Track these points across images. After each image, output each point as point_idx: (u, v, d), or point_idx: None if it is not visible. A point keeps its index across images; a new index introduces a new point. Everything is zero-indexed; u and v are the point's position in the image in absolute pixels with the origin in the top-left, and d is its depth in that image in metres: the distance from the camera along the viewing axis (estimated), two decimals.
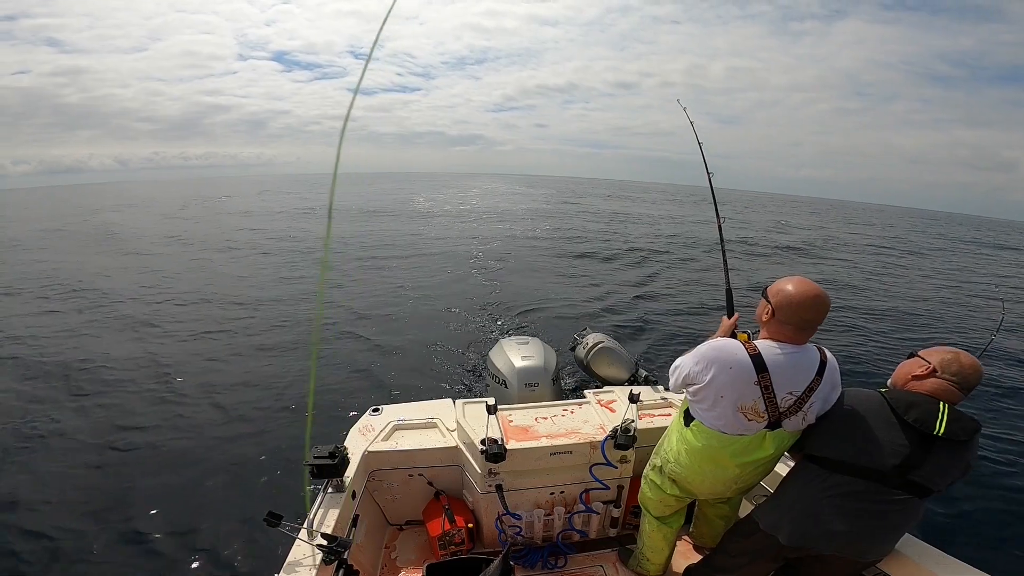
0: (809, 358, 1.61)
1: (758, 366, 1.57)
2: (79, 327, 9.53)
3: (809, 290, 1.56)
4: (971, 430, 1.49)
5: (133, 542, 3.90)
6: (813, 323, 1.58)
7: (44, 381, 7.63)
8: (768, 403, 1.58)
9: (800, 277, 1.60)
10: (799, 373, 1.59)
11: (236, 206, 35.28)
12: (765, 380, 1.56)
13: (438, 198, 46.69)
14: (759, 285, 9.39)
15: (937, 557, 1.65)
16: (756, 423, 1.61)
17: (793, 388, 1.58)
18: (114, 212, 32.16)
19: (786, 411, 1.60)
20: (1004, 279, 17.36)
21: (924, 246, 27.28)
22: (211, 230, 22.63)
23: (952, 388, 1.52)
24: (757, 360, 1.57)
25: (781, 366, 1.57)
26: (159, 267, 14.81)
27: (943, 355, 1.56)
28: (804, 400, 1.59)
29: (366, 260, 15.72)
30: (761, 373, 1.56)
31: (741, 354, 1.59)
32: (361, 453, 2.42)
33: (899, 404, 1.54)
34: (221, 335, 9.44)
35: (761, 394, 1.57)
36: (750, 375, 1.57)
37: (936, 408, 1.50)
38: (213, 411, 6.26)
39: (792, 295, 1.57)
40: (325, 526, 1.96)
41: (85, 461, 5.24)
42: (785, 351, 1.59)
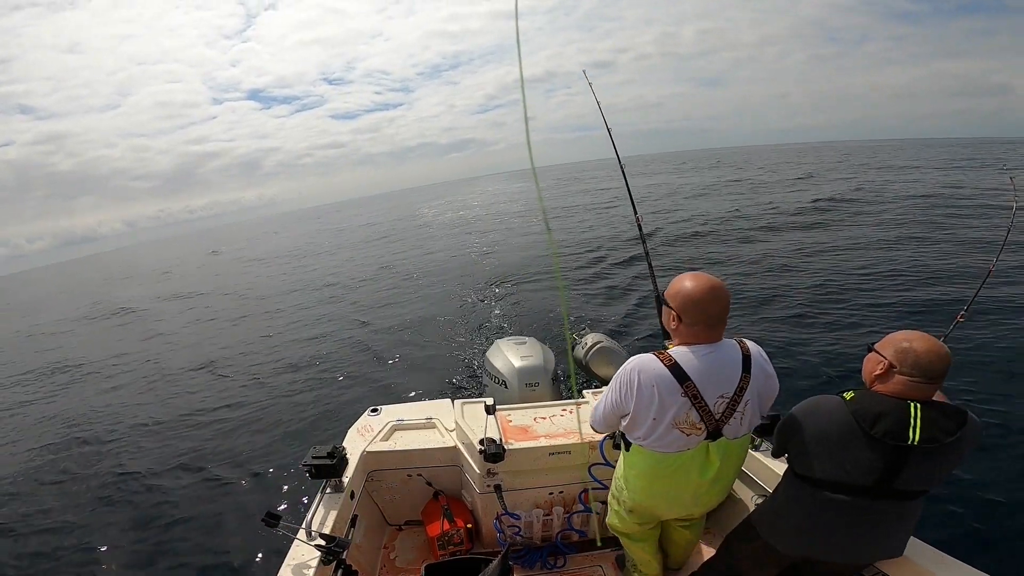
0: (730, 355, 1.53)
1: (678, 376, 1.48)
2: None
3: (705, 283, 1.50)
4: (952, 429, 1.37)
5: (133, 542, 3.90)
6: (720, 316, 1.51)
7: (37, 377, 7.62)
8: (701, 412, 1.49)
9: (692, 272, 1.54)
10: (724, 373, 1.51)
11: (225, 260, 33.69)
12: (690, 389, 1.47)
13: (435, 209, 46.74)
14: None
15: (936, 557, 1.65)
16: (696, 436, 1.53)
17: (722, 391, 1.50)
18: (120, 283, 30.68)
19: (722, 417, 1.51)
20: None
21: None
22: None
23: (916, 384, 1.39)
24: (676, 370, 1.48)
25: (702, 371, 1.48)
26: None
27: (896, 346, 1.42)
28: (737, 401, 1.51)
29: (366, 262, 15.71)
30: (684, 383, 1.47)
31: (658, 367, 1.49)
32: (360, 453, 2.41)
33: (864, 417, 1.40)
34: (230, 338, 9.43)
35: (691, 404, 1.48)
36: (674, 387, 1.48)
37: (907, 413, 1.37)
38: (213, 411, 6.25)
39: (692, 292, 1.50)
40: (324, 526, 1.96)
41: (85, 462, 5.24)
42: (701, 353, 1.50)
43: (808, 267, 9.89)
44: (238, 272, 20.56)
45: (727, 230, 14.44)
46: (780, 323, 7.15)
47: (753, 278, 9.46)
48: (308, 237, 39.16)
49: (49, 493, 4.68)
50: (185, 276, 26.26)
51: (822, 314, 7.36)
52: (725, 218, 16.21)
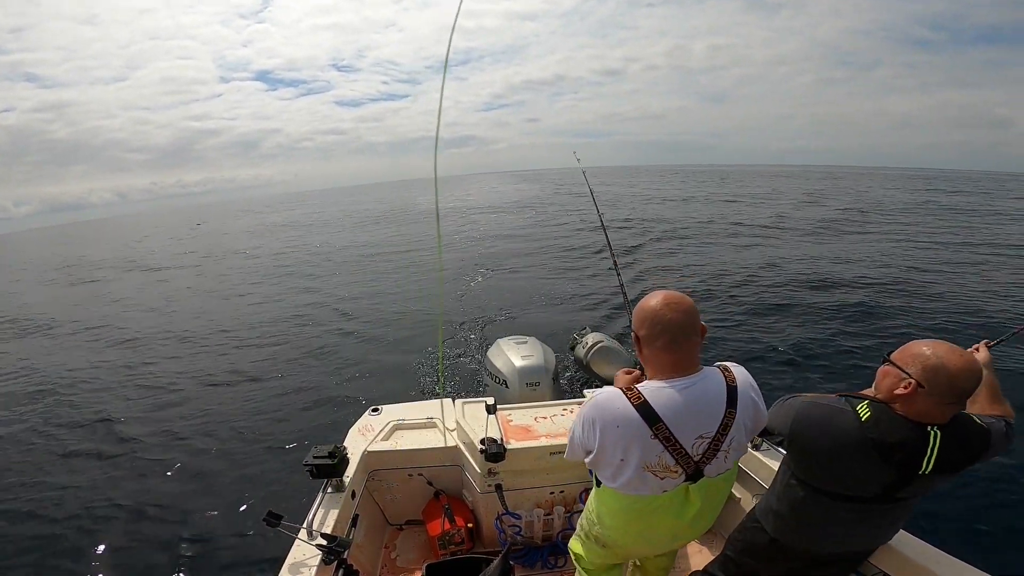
0: (712, 388, 1.32)
1: (647, 416, 1.27)
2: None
3: (660, 295, 1.32)
4: (971, 456, 1.31)
5: (133, 543, 3.90)
6: (683, 330, 1.29)
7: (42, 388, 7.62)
8: (677, 455, 1.29)
9: (658, 289, 1.35)
10: (704, 411, 1.30)
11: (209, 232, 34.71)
12: (662, 431, 1.27)
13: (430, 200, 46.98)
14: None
15: (935, 555, 1.65)
16: (671, 479, 1.33)
17: (702, 431, 1.30)
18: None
19: (703, 458, 1.31)
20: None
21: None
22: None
23: (945, 405, 1.29)
24: (644, 409, 1.27)
25: (676, 410, 1.27)
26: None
27: (923, 362, 1.27)
28: (720, 440, 1.31)
29: (365, 263, 15.73)
30: (654, 424, 1.26)
31: (623, 406, 1.29)
32: (361, 453, 2.42)
33: (882, 447, 1.31)
34: (218, 336, 9.44)
35: (664, 447, 1.28)
36: (642, 430, 1.27)
37: (925, 443, 1.29)
38: (212, 412, 6.25)
39: (645, 306, 1.32)
40: (325, 526, 1.96)
41: (85, 463, 5.25)
42: (676, 387, 1.29)
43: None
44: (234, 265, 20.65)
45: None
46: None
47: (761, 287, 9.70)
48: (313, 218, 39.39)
49: (47, 499, 4.68)
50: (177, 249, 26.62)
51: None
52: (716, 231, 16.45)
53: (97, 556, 3.79)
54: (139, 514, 4.23)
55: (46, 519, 4.28)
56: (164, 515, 4.17)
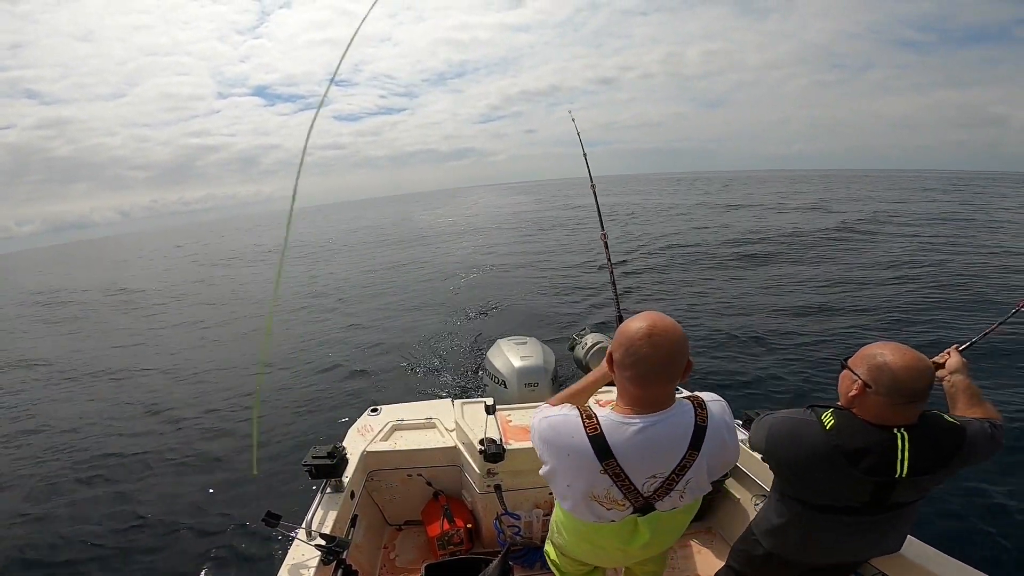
0: (676, 428, 1.21)
1: (600, 450, 1.18)
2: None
3: (646, 322, 1.16)
4: (945, 456, 1.28)
5: (133, 543, 3.90)
6: (657, 370, 1.15)
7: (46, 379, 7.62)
8: (625, 491, 1.21)
9: (646, 312, 1.22)
10: (660, 452, 1.20)
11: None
12: (612, 467, 1.18)
13: (433, 214, 46.96)
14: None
15: (936, 557, 1.65)
16: (618, 511, 1.26)
17: (655, 470, 1.20)
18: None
19: (653, 495, 1.23)
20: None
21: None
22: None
23: (898, 406, 1.26)
24: (598, 442, 1.18)
25: (631, 448, 1.18)
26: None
27: (869, 362, 1.28)
28: (675, 480, 1.22)
29: (364, 261, 15.72)
30: (605, 460, 1.18)
31: (578, 436, 1.20)
32: (360, 453, 2.41)
33: (848, 454, 1.30)
34: (209, 334, 9.43)
35: (613, 482, 1.20)
36: (592, 463, 1.19)
37: (893, 445, 1.26)
38: (212, 412, 6.25)
39: (630, 338, 1.16)
40: (324, 526, 1.95)
41: (85, 463, 5.24)
42: (635, 425, 1.18)
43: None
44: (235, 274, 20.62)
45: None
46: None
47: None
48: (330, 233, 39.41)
49: (46, 499, 4.68)
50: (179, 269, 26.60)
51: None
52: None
53: (97, 556, 3.78)
54: (138, 514, 4.22)
55: (44, 520, 4.28)
56: (163, 516, 4.16)
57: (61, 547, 3.91)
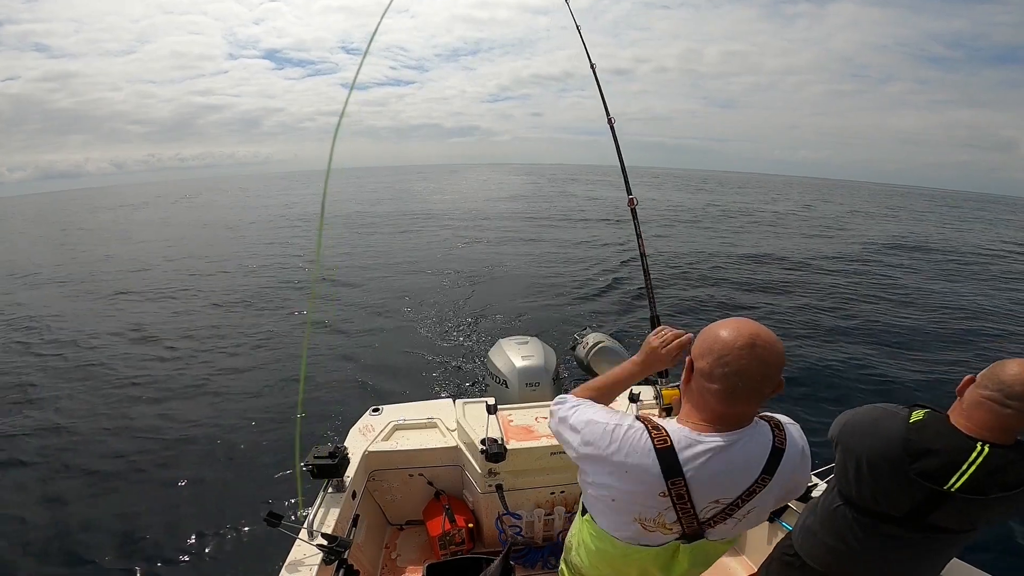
0: (752, 448, 1.06)
1: (668, 467, 1.02)
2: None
3: (747, 331, 1.00)
4: (1015, 484, 1.17)
5: (134, 543, 3.90)
6: (754, 386, 1.00)
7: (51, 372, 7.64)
8: (682, 514, 1.05)
9: (738, 318, 1.06)
10: (732, 475, 1.05)
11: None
12: (677, 487, 1.02)
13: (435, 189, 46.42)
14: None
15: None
16: (661, 535, 1.10)
17: (721, 495, 1.05)
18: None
19: (709, 521, 1.07)
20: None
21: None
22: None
23: (989, 403, 1.19)
24: (666, 458, 1.02)
25: (703, 469, 1.02)
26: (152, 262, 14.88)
27: (993, 366, 1.24)
28: (738, 507, 1.06)
29: (363, 261, 15.71)
30: (672, 479, 1.02)
31: (643, 449, 1.03)
32: (361, 453, 2.42)
33: (912, 450, 1.23)
34: (215, 331, 9.44)
35: (672, 504, 1.04)
36: (654, 484, 1.03)
37: (964, 456, 1.19)
38: (211, 413, 6.26)
39: (725, 346, 1.00)
40: (325, 526, 1.96)
41: (85, 464, 5.25)
42: (712, 442, 1.02)
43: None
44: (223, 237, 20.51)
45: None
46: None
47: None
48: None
49: (43, 501, 4.69)
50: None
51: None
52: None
53: (96, 556, 3.79)
54: (138, 514, 4.23)
55: (43, 521, 4.29)
56: (164, 516, 4.17)
57: (57, 545, 3.92)
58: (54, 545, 3.95)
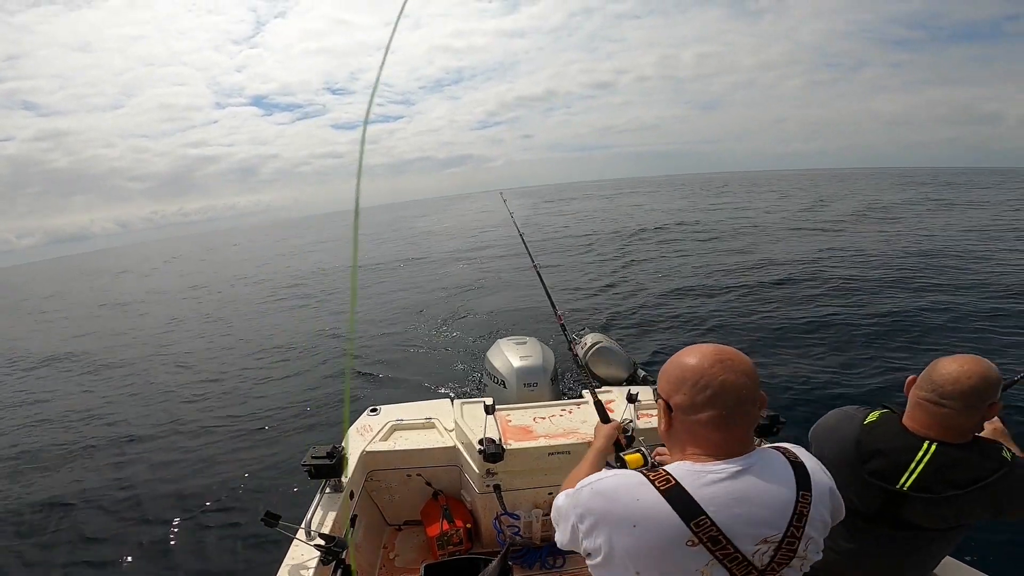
0: (772, 468, 0.91)
1: (683, 507, 0.84)
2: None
3: (711, 351, 0.93)
4: (965, 481, 1.16)
5: (132, 542, 3.89)
6: (740, 399, 0.90)
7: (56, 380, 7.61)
8: (731, 564, 0.84)
9: (691, 346, 0.98)
10: (767, 501, 0.87)
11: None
12: (705, 529, 0.83)
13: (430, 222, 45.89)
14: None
15: (943, 562, 1.64)
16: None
17: (767, 530, 0.86)
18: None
19: (770, 568, 0.86)
20: None
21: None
22: None
23: (927, 404, 1.21)
24: (676, 497, 0.85)
25: (727, 500, 0.85)
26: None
27: (930, 366, 1.26)
28: (795, 540, 0.87)
29: (364, 265, 15.71)
30: (694, 519, 0.83)
31: (646, 495, 0.87)
32: (359, 453, 2.41)
33: (863, 451, 1.25)
34: (220, 342, 9.43)
35: (710, 555, 0.84)
36: (675, 533, 0.84)
37: (911, 455, 1.20)
38: (210, 412, 6.25)
39: (697, 370, 0.92)
40: (323, 526, 1.95)
41: (86, 464, 5.24)
42: (722, 471, 0.88)
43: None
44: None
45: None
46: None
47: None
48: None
49: (42, 502, 4.67)
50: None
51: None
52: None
53: (96, 557, 3.78)
54: (138, 515, 4.22)
55: (44, 522, 4.27)
56: (162, 515, 4.16)
57: (53, 545, 3.91)
58: (53, 545, 3.94)
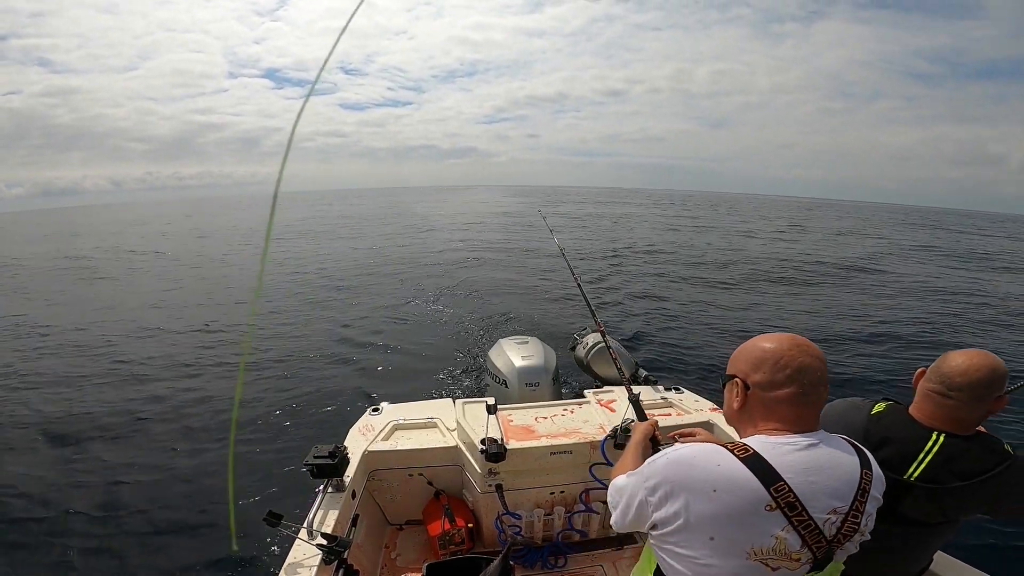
0: (838, 445, 0.98)
1: (765, 475, 0.89)
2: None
3: (787, 338, 1.01)
4: (972, 472, 1.17)
5: (134, 542, 3.90)
6: (819, 381, 0.97)
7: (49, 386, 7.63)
8: (805, 532, 0.89)
9: (764, 333, 1.06)
10: (838, 472, 0.94)
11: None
12: (783, 494, 0.88)
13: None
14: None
15: (935, 557, 1.64)
16: (788, 571, 0.91)
17: (836, 500, 0.92)
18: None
19: (837, 538, 0.92)
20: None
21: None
22: None
23: (935, 395, 1.23)
24: (756, 464, 0.90)
25: (804, 468, 0.91)
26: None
27: (939, 359, 1.28)
28: (858, 512, 0.93)
29: (364, 263, 15.73)
30: (774, 485, 0.88)
31: (727, 462, 0.91)
32: (361, 453, 2.42)
33: (871, 438, 1.26)
34: (209, 338, 9.44)
35: (787, 521, 0.88)
36: (755, 497, 0.88)
37: (919, 445, 1.21)
38: (213, 412, 6.26)
39: (776, 352, 0.99)
40: (325, 526, 1.96)
41: (86, 464, 5.24)
42: (800, 443, 0.94)
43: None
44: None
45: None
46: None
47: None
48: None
49: (41, 503, 4.69)
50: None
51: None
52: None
53: (96, 557, 3.79)
54: (138, 515, 4.23)
55: (44, 523, 4.28)
56: (163, 516, 4.17)
57: (55, 545, 3.92)
58: (52, 545, 3.95)
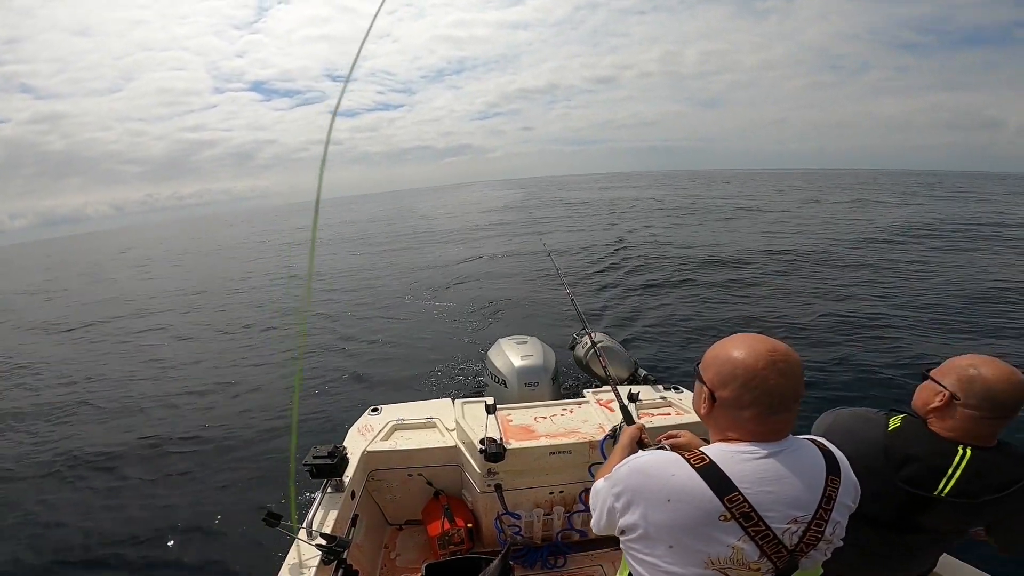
0: (804, 452, 0.98)
1: (717, 483, 0.90)
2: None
3: (764, 348, 0.95)
4: (1003, 484, 1.17)
5: (132, 543, 3.90)
6: (790, 396, 0.94)
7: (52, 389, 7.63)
8: (762, 542, 0.89)
9: (742, 334, 1.01)
10: (799, 480, 0.93)
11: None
12: (738, 504, 0.89)
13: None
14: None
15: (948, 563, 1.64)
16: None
17: (796, 510, 0.92)
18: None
19: (799, 548, 0.92)
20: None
21: None
22: None
23: (984, 420, 1.18)
24: (711, 474, 0.91)
25: (760, 478, 0.91)
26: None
27: (960, 373, 1.21)
28: (823, 522, 0.93)
29: (363, 263, 15.73)
30: (727, 495, 0.89)
31: (682, 472, 0.93)
32: (360, 453, 2.42)
33: (896, 460, 1.23)
34: (217, 336, 9.44)
35: (743, 531, 0.89)
36: (709, 507, 0.89)
37: (948, 461, 1.19)
38: (213, 412, 6.26)
39: (748, 370, 0.94)
40: (324, 526, 1.96)
41: (86, 463, 5.24)
42: (757, 452, 0.94)
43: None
44: None
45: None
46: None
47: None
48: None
49: (43, 504, 4.68)
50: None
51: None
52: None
53: (96, 555, 3.79)
54: (138, 515, 4.23)
55: (42, 523, 4.28)
56: (164, 516, 4.17)
57: (54, 546, 3.92)
58: (51, 545, 3.95)
